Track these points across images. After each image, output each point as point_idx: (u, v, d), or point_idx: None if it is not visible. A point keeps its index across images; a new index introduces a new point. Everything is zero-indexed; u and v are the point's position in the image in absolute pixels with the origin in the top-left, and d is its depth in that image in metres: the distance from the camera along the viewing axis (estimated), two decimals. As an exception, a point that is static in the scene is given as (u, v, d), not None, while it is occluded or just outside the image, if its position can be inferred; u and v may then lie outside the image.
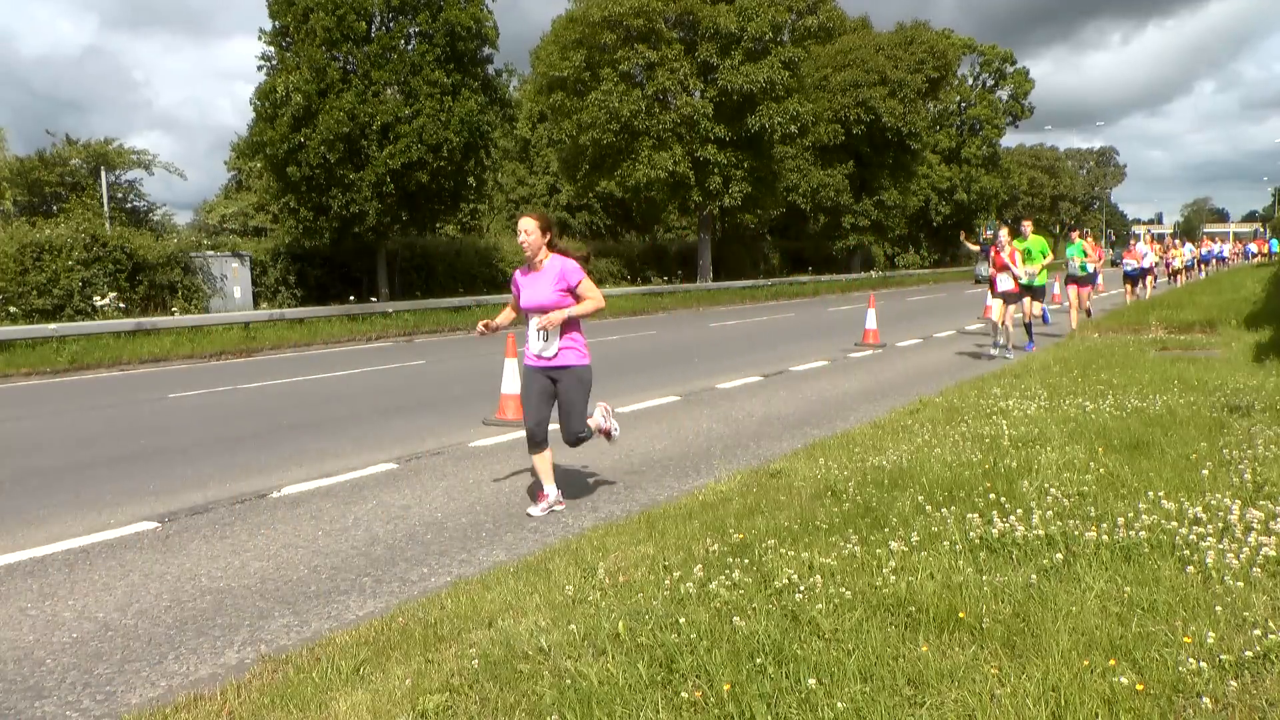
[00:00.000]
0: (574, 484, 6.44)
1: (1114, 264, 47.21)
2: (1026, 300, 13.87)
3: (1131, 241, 26.18)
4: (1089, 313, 17.28)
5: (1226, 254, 52.60)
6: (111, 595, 4.45)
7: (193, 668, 3.63)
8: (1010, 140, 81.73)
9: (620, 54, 31.29)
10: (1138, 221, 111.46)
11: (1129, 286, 23.34)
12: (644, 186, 32.23)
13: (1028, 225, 14.31)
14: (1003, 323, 13.26)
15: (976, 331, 17.70)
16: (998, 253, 13.19)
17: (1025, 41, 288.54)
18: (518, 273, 5.72)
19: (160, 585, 4.57)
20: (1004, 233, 13.34)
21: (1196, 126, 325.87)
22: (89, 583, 4.63)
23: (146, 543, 5.30)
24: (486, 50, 25.12)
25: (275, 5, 22.98)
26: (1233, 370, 9.66)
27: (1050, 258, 14.34)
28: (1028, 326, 14.35)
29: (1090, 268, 16.81)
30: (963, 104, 59.89)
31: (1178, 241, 37.81)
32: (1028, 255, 13.77)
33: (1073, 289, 16.64)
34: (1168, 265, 34.53)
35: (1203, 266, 40.63)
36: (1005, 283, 13.12)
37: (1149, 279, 25.95)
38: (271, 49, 23.35)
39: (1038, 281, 14.14)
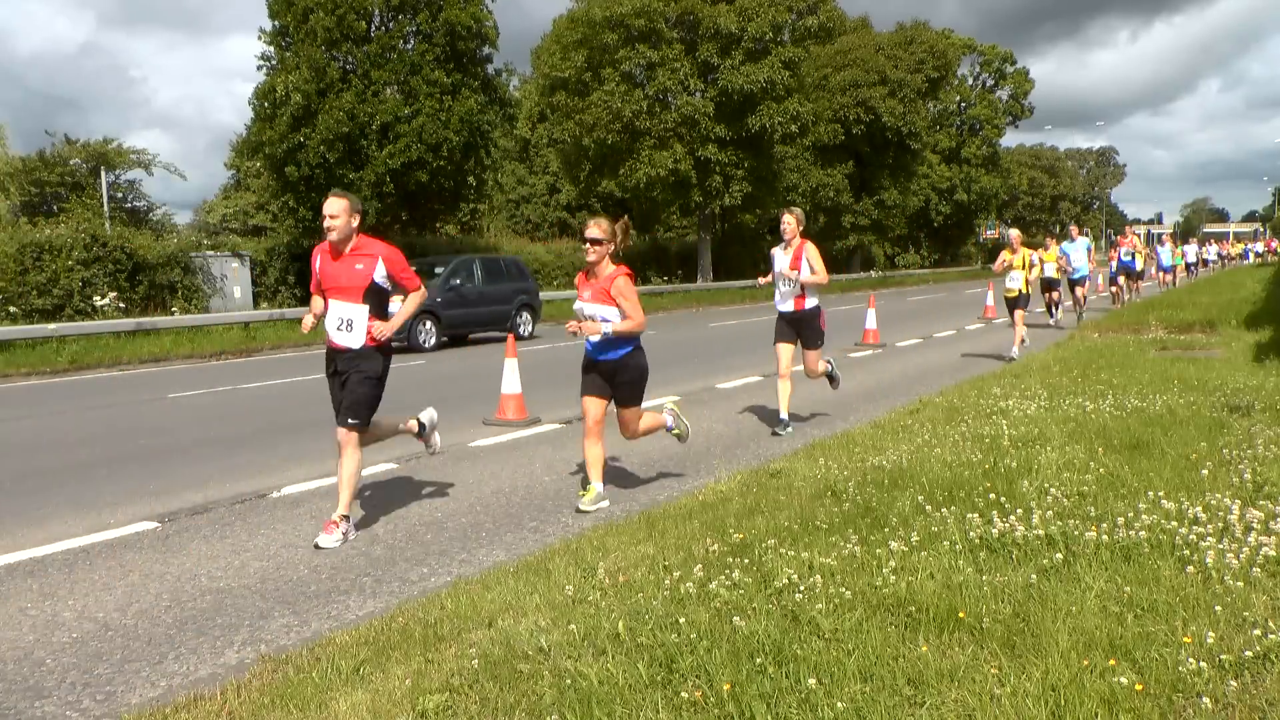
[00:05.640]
0: (573, 484, 6.45)
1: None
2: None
3: (786, 230, 7.89)
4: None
5: (1196, 259, 36.70)
6: (111, 595, 4.44)
7: (193, 668, 3.63)
8: (1010, 140, 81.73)
9: (621, 54, 31.30)
10: (1137, 221, 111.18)
11: (781, 347, 8.36)
12: (645, 186, 32.24)
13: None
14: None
15: (974, 332, 17.70)
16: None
17: (1030, 39, 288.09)
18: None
19: (160, 585, 4.57)
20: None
21: (1200, 125, 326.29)
22: (89, 583, 4.62)
23: (146, 543, 5.30)
24: (486, 50, 25.15)
25: (275, 5, 23.00)
26: (1233, 370, 9.66)
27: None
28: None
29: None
30: (963, 104, 59.91)
31: (1048, 241, 17.83)
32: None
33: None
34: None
35: (1128, 285, 22.08)
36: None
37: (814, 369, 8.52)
38: (271, 48, 23.37)
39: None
